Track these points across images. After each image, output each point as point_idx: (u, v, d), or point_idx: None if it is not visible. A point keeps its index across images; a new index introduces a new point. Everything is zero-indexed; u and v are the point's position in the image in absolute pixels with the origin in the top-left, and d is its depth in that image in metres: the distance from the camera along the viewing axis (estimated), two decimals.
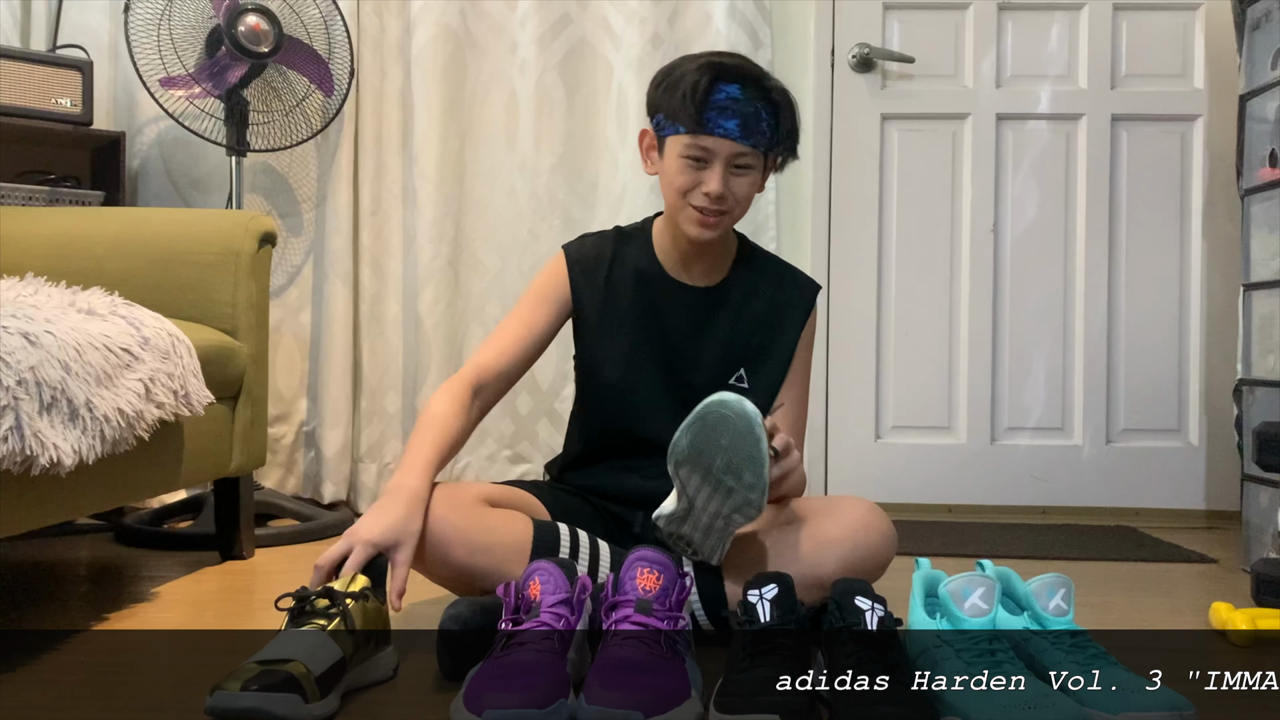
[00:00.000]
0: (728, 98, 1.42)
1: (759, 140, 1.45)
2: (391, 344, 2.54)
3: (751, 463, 1.24)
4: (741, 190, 1.47)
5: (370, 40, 2.53)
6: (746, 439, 1.24)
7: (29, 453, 1.21)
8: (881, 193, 2.67)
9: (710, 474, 1.27)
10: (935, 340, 2.67)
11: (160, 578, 1.84)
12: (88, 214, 2.08)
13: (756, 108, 1.44)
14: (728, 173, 1.44)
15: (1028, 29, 2.66)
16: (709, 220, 1.47)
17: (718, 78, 1.42)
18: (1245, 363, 2.10)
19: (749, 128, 1.43)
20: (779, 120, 1.46)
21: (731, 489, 1.27)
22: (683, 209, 1.48)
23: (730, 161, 1.44)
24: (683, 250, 1.57)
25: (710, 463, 1.26)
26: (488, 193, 2.59)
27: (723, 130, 1.42)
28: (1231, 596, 1.69)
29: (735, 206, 1.48)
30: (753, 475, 1.25)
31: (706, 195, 1.44)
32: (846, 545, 1.37)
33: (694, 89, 1.42)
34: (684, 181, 1.46)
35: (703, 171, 1.44)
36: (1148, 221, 2.64)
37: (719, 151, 1.43)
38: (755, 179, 1.49)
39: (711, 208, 1.45)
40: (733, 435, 1.25)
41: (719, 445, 1.25)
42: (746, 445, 1.24)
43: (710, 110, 1.42)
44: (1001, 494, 2.64)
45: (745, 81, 1.44)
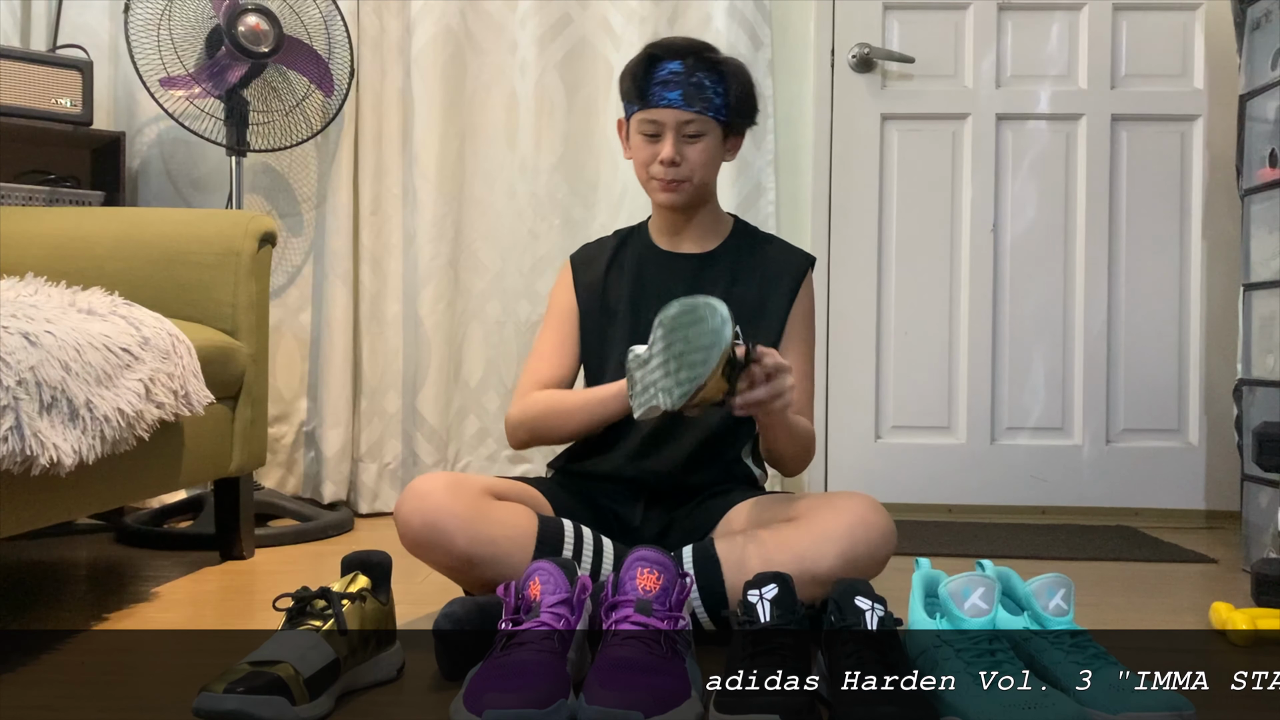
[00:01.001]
0: (669, 72, 1.55)
1: (705, 107, 1.54)
2: (391, 344, 2.54)
3: (692, 366, 1.27)
4: (696, 156, 1.56)
5: (370, 40, 2.53)
6: (705, 343, 1.27)
7: (29, 453, 1.21)
8: (881, 193, 2.67)
9: (669, 348, 1.32)
10: (935, 340, 2.67)
11: (160, 578, 1.84)
12: (88, 214, 2.08)
13: (700, 78, 1.55)
14: (680, 141, 1.55)
15: (1028, 29, 2.66)
16: (670, 186, 1.57)
17: (660, 55, 1.56)
18: (1245, 363, 2.10)
19: (693, 96, 1.54)
20: (726, 87, 1.56)
21: (669, 372, 1.31)
22: (648, 182, 1.60)
23: (679, 130, 1.55)
24: (669, 222, 1.67)
25: (671, 339, 1.32)
26: (488, 193, 2.59)
27: (666, 101, 1.54)
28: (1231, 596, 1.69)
29: (694, 172, 1.57)
30: (688, 375, 1.28)
31: (661, 163, 1.55)
32: (845, 540, 1.37)
33: (639, 68, 1.56)
34: (644, 155, 1.58)
35: (657, 143, 1.56)
36: (1148, 221, 2.64)
37: (666, 121, 1.54)
38: (710, 145, 1.57)
39: (668, 176, 1.56)
40: (699, 333, 1.28)
41: (686, 332, 1.30)
42: (701, 349, 1.27)
43: (654, 85, 1.55)
44: (1001, 494, 2.64)
45: (686, 55, 1.55)
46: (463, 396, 2.60)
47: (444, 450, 2.57)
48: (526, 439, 1.63)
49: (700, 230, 1.67)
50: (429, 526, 1.39)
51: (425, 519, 1.39)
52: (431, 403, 2.55)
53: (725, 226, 1.69)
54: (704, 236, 1.67)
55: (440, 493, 1.40)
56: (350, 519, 2.41)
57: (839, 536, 1.38)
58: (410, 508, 1.41)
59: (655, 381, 1.33)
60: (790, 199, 2.66)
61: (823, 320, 2.66)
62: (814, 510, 1.42)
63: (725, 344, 1.25)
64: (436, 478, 1.44)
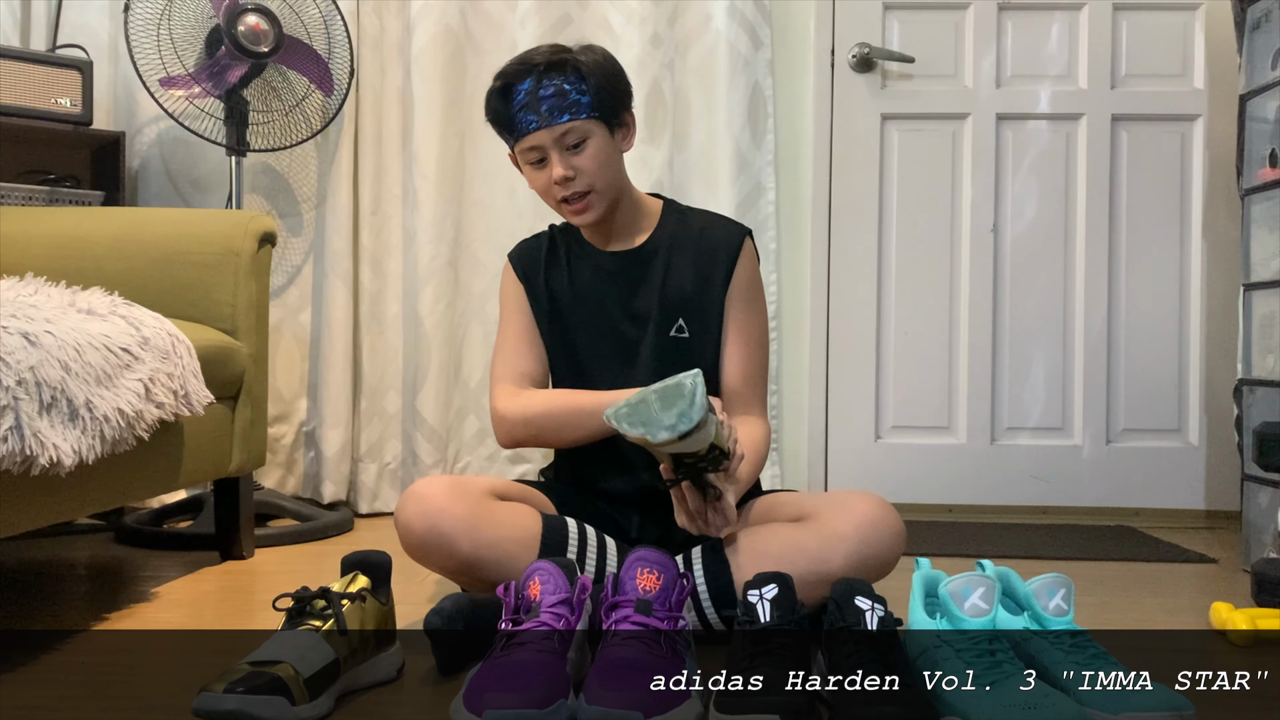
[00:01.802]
0: (525, 94, 1.49)
1: (574, 112, 1.48)
2: (391, 344, 2.54)
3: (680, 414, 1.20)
4: (587, 164, 1.50)
5: (370, 40, 2.53)
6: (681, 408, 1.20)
7: (29, 453, 1.21)
8: (881, 193, 2.67)
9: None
10: (935, 340, 2.67)
11: (160, 578, 1.84)
12: (88, 214, 2.08)
13: (555, 85, 1.48)
14: (565, 155, 1.49)
15: (1028, 29, 2.66)
16: (578, 206, 1.52)
17: (511, 81, 1.50)
18: (1245, 363, 2.10)
19: (556, 108, 1.48)
20: (586, 83, 1.49)
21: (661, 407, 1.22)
22: (557, 206, 1.54)
23: (561, 145, 1.49)
24: (595, 231, 1.63)
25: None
26: (488, 193, 2.59)
27: (534, 124, 1.49)
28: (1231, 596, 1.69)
29: (594, 180, 1.51)
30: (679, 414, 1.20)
31: (557, 183, 1.50)
32: (855, 541, 1.37)
33: (497, 101, 1.51)
34: (540, 182, 1.53)
35: (546, 167, 1.51)
36: (1148, 221, 2.64)
37: (543, 143, 1.49)
38: (597, 148, 1.51)
39: (569, 192, 1.51)
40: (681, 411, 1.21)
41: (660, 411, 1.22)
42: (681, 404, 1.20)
43: (516, 113, 1.49)
44: (1001, 494, 2.64)
45: (533, 69, 1.49)
46: (463, 396, 2.60)
47: (444, 450, 2.57)
48: (524, 438, 1.56)
49: (626, 227, 1.62)
50: (431, 531, 1.38)
51: (427, 523, 1.38)
52: (431, 403, 2.55)
53: (654, 214, 1.64)
54: (631, 232, 1.62)
55: (441, 496, 1.39)
56: (350, 519, 2.41)
57: (849, 537, 1.37)
58: (411, 512, 1.39)
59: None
60: (790, 199, 2.66)
61: (822, 320, 2.66)
62: (823, 510, 1.42)
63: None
64: (436, 481, 1.42)
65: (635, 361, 1.58)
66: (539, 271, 1.65)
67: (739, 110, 2.56)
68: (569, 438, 1.54)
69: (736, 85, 2.56)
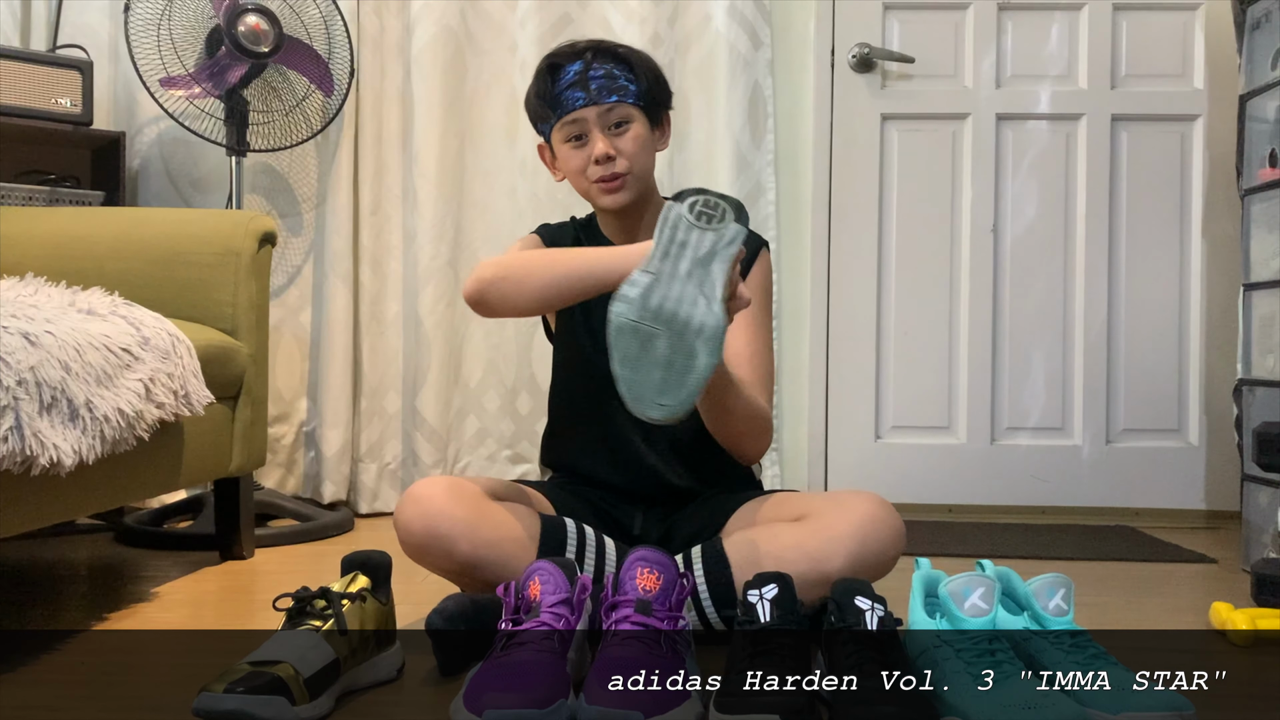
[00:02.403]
0: (574, 74, 1.51)
1: (621, 94, 1.52)
2: (391, 344, 2.54)
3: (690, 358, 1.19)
4: (628, 146, 1.52)
5: (370, 40, 2.53)
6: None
7: (29, 453, 1.21)
8: (881, 193, 2.67)
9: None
10: (935, 340, 2.67)
11: (160, 578, 1.84)
12: (88, 214, 2.08)
13: (606, 69, 1.52)
14: (607, 135, 1.51)
15: (1028, 29, 2.66)
16: (612, 185, 1.53)
17: (559, 62, 1.53)
18: (1245, 363, 2.10)
19: (604, 88, 1.51)
20: (635, 73, 1.53)
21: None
22: (589, 189, 1.55)
23: (604, 124, 1.51)
24: (619, 227, 1.62)
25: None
26: (488, 193, 2.59)
27: (581, 100, 1.50)
28: (1231, 596, 1.69)
29: (632, 163, 1.53)
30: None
31: (596, 161, 1.51)
32: (855, 540, 1.37)
33: (543, 82, 1.54)
34: (576, 162, 1.54)
35: (586, 146, 1.52)
36: (1148, 221, 2.64)
37: (588, 119, 1.51)
38: (638, 133, 1.53)
39: (606, 172, 1.51)
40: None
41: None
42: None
43: (563, 91, 1.51)
44: (1001, 494, 2.64)
45: (584, 53, 1.52)
46: (463, 397, 2.60)
47: (444, 450, 2.57)
48: (486, 290, 1.41)
49: (649, 227, 1.59)
50: (430, 532, 1.38)
51: (426, 524, 1.38)
52: (431, 403, 2.55)
53: None
54: (652, 233, 1.61)
55: (440, 497, 1.39)
56: (350, 519, 2.41)
57: (849, 536, 1.37)
58: (410, 513, 1.39)
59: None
60: (790, 199, 2.66)
61: (822, 320, 2.66)
62: (823, 509, 1.42)
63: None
64: (435, 482, 1.42)
65: None
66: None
67: (739, 110, 2.56)
68: (530, 285, 1.42)
69: (736, 85, 2.56)
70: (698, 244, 1.23)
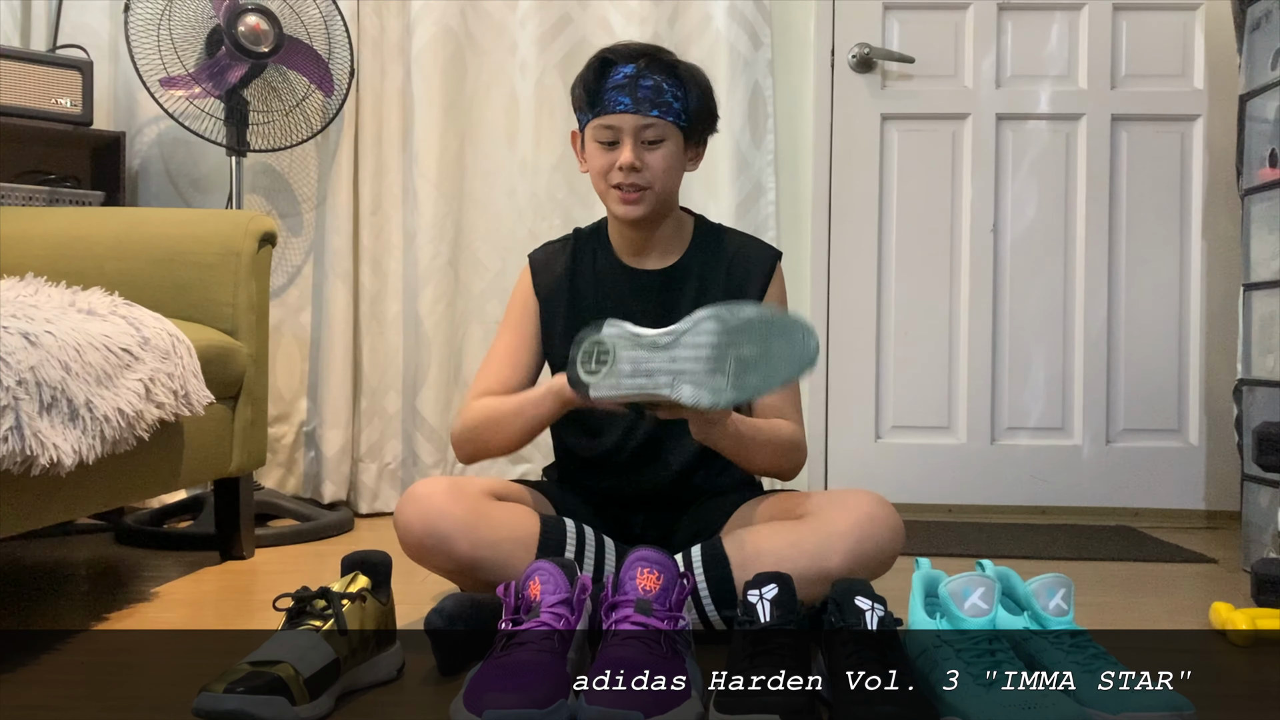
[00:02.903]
0: (624, 76, 1.47)
1: (664, 111, 1.48)
2: (391, 344, 2.54)
3: (767, 377, 1.22)
4: (657, 163, 1.49)
5: (370, 40, 2.53)
6: (793, 359, 1.21)
7: (29, 453, 1.21)
8: (881, 193, 2.67)
9: (728, 346, 1.24)
10: (935, 340, 2.67)
11: (160, 578, 1.84)
12: (88, 214, 2.08)
13: (656, 81, 1.47)
14: (639, 147, 1.48)
15: (1028, 29, 2.66)
16: (630, 196, 1.49)
17: (613, 59, 1.49)
18: (1245, 363, 2.10)
19: (650, 101, 1.47)
20: (685, 92, 1.49)
21: (724, 371, 1.24)
22: (607, 192, 1.52)
23: (638, 136, 1.47)
24: (631, 237, 1.58)
25: (736, 340, 1.24)
26: (488, 193, 2.59)
27: (623, 105, 1.47)
28: (1231, 596, 1.69)
29: (655, 180, 1.49)
30: (758, 383, 1.23)
31: (620, 169, 1.47)
32: (853, 538, 1.37)
33: (591, 73, 1.50)
34: (601, 163, 1.50)
35: (615, 151, 1.48)
36: (1148, 221, 2.64)
37: (624, 126, 1.47)
38: (671, 153, 1.50)
39: (628, 182, 1.48)
40: (786, 347, 1.22)
41: (768, 343, 1.23)
42: (787, 362, 1.22)
43: (609, 90, 1.47)
44: (1001, 494, 2.64)
45: (640, 59, 1.48)
46: (463, 397, 2.60)
47: (444, 450, 2.57)
48: (472, 453, 1.55)
49: (664, 245, 1.58)
50: (430, 532, 1.38)
51: (426, 524, 1.38)
52: (431, 403, 2.55)
53: (687, 232, 1.60)
54: (668, 250, 1.59)
55: (440, 497, 1.39)
56: (350, 519, 2.41)
57: (848, 533, 1.37)
58: (410, 513, 1.40)
59: (682, 371, 1.25)
60: (790, 199, 2.66)
61: (822, 320, 2.66)
62: (822, 508, 1.42)
63: (811, 368, 1.22)
64: (435, 482, 1.43)
65: None
66: (561, 272, 1.61)
67: (739, 110, 2.56)
68: (504, 442, 1.52)
69: (736, 85, 2.56)
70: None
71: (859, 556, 1.36)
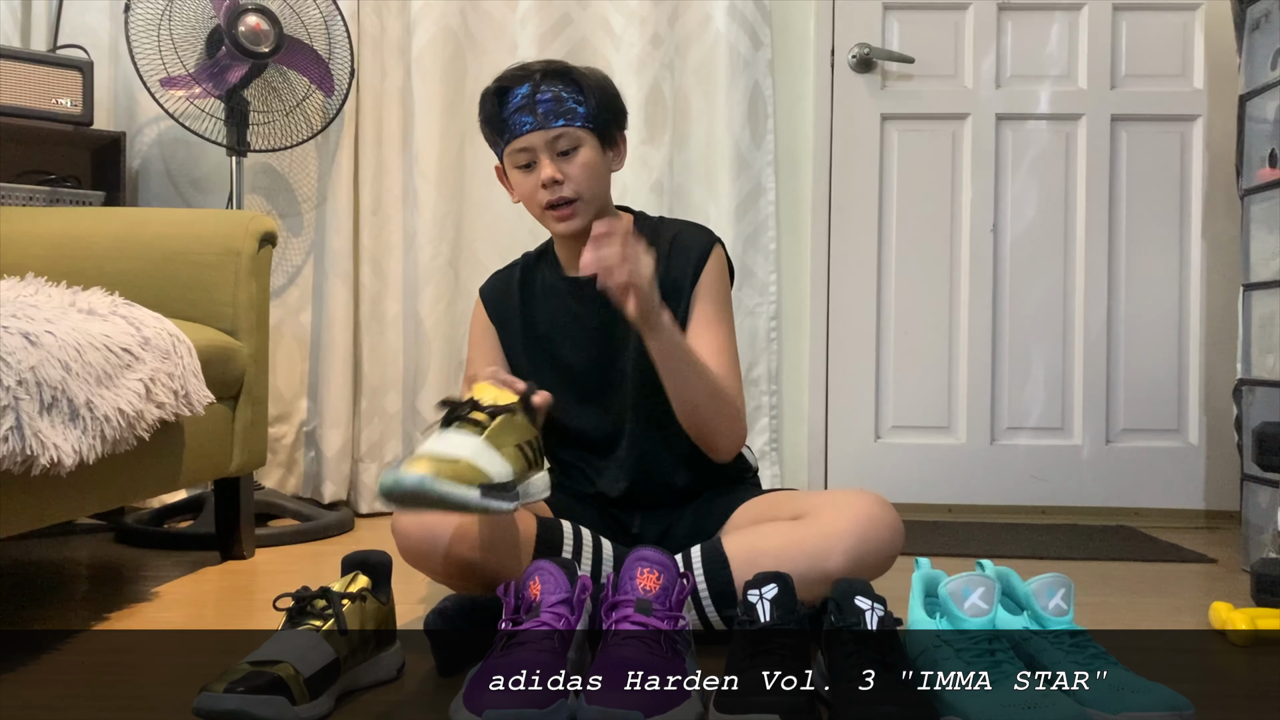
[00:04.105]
0: (521, 97, 1.48)
1: (570, 118, 1.48)
2: (392, 344, 2.54)
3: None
4: (577, 172, 1.48)
5: (370, 40, 2.53)
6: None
7: (29, 453, 1.21)
8: (881, 193, 2.67)
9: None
10: (935, 340, 2.67)
11: (160, 578, 1.84)
12: (88, 214, 2.08)
13: (554, 92, 1.48)
14: (555, 160, 1.48)
15: (1028, 29, 2.66)
16: (564, 212, 1.49)
17: (507, 85, 1.50)
18: (1245, 363, 2.10)
19: (552, 112, 1.47)
20: (585, 95, 1.49)
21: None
22: (540, 214, 1.52)
23: (551, 150, 1.48)
24: (576, 249, 1.55)
25: None
26: (488, 193, 2.59)
27: (528, 125, 1.47)
28: (1231, 596, 1.69)
29: (581, 189, 1.49)
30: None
31: (544, 186, 1.47)
32: (853, 538, 1.37)
33: (491, 105, 1.51)
34: (526, 187, 1.51)
35: (534, 171, 1.49)
36: (1148, 221, 2.64)
37: (535, 145, 1.48)
38: (588, 158, 1.49)
39: (555, 198, 1.48)
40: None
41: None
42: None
43: (511, 115, 1.48)
44: (1001, 494, 2.64)
45: (532, 77, 1.49)
46: None
47: None
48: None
49: None
50: (426, 536, 1.38)
51: (422, 529, 1.38)
52: (432, 403, 2.55)
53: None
54: None
55: None
56: (350, 519, 2.41)
57: (848, 534, 1.37)
58: (408, 519, 1.39)
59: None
60: (790, 199, 2.66)
61: (822, 320, 2.66)
62: (822, 508, 1.42)
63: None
64: None
65: (621, 379, 1.56)
66: (513, 305, 1.62)
67: (739, 110, 2.56)
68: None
69: (736, 85, 2.56)
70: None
71: (859, 556, 1.36)
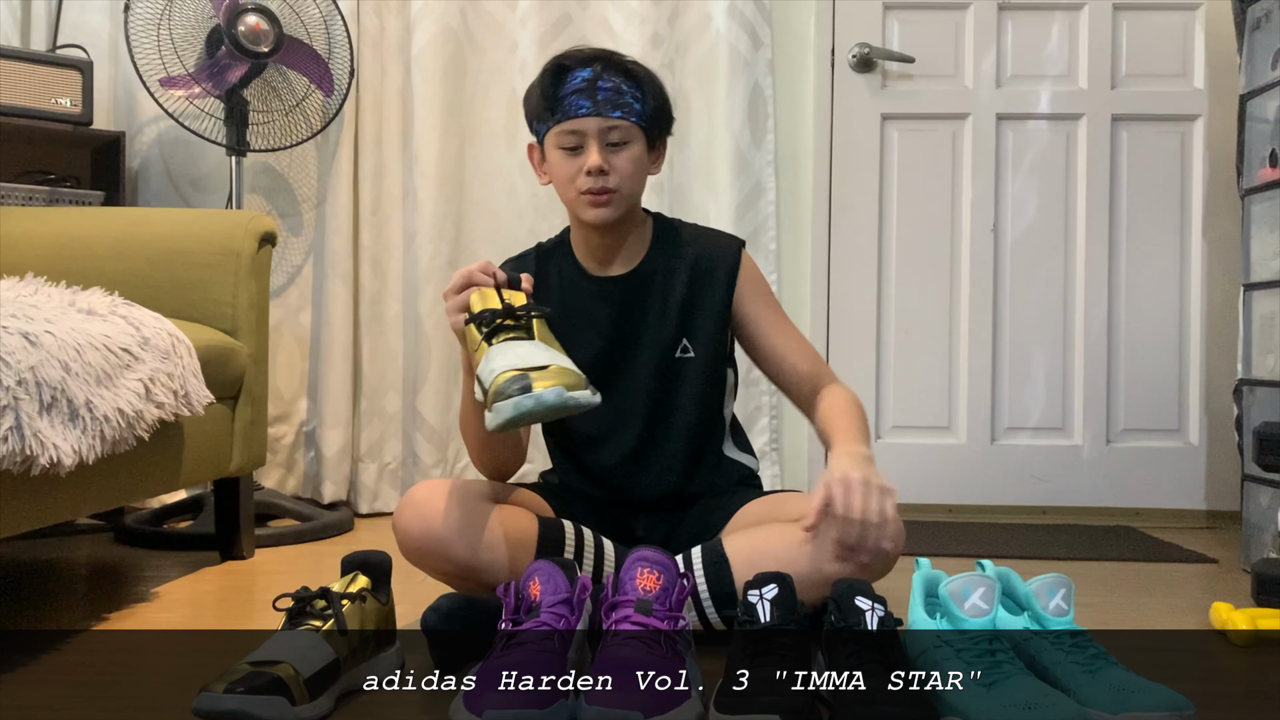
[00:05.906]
0: (582, 80, 1.46)
1: (626, 112, 1.47)
2: (391, 344, 2.54)
3: None
4: (623, 166, 1.48)
5: (370, 40, 2.53)
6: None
7: (29, 453, 1.21)
8: (881, 193, 2.67)
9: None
10: (935, 340, 2.67)
11: (160, 578, 1.84)
12: (88, 214, 2.08)
13: (615, 83, 1.47)
14: (604, 150, 1.47)
15: (1028, 29, 2.66)
16: (599, 199, 1.48)
17: (569, 65, 1.48)
18: (1245, 363, 2.10)
19: (610, 102, 1.46)
20: (644, 94, 1.49)
21: None
22: (575, 198, 1.50)
23: (603, 138, 1.47)
24: (595, 245, 1.58)
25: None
26: (488, 192, 2.59)
27: (585, 109, 1.46)
28: (1231, 596, 1.69)
29: (622, 183, 1.49)
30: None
31: (588, 173, 1.46)
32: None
33: (548, 80, 1.48)
34: (567, 170, 1.49)
35: (580, 155, 1.47)
36: (1148, 221, 2.64)
37: (587, 130, 1.46)
38: (636, 154, 1.49)
39: (596, 185, 1.47)
40: None
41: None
42: None
43: (568, 95, 1.46)
44: (1001, 494, 2.64)
45: (596, 62, 1.48)
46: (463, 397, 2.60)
47: (444, 450, 2.57)
48: (479, 466, 1.56)
49: (628, 250, 1.58)
50: (428, 536, 1.38)
51: (424, 528, 1.38)
52: (431, 403, 2.55)
53: (648, 235, 1.60)
54: (631, 255, 1.58)
55: (438, 500, 1.39)
56: (350, 519, 2.41)
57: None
58: (408, 517, 1.39)
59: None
60: (790, 199, 2.66)
61: (822, 320, 2.66)
62: None
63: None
64: (433, 485, 1.42)
65: (630, 379, 1.56)
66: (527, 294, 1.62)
67: (739, 110, 2.56)
68: (475, 436, 1.52)
69: (736, 85, 2.56)
70: None
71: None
